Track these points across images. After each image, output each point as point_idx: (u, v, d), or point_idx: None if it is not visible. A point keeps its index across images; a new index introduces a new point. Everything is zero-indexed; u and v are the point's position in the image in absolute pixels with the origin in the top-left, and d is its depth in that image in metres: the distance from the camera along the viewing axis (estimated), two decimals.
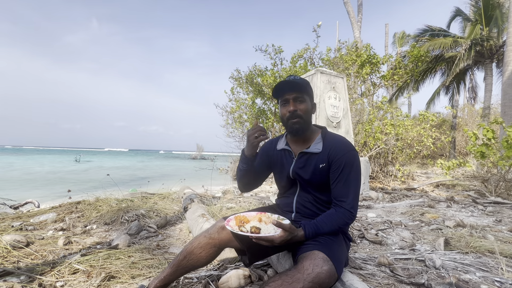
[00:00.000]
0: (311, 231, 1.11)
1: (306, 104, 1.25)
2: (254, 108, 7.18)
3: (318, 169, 1.23)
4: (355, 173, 1.19)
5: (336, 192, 1.19)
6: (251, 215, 1.25)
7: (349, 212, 1.16)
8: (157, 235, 2.46)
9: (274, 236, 1.04)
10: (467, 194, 4.88)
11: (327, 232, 1.13)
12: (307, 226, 1.12)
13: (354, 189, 1.19)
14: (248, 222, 1.16)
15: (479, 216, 3.31)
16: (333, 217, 1.16)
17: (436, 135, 5.92)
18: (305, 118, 1.25)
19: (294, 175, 1.31)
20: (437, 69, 12.93)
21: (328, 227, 1.13)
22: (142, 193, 4.07)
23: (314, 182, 1.25)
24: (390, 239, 2.31)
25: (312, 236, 1.11)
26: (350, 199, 1.17)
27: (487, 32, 11.19)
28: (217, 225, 1.28)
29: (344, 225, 1.17)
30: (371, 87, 6.70)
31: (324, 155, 1.23)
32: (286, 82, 1.23)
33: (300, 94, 1.23)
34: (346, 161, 1.18)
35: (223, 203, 3.31)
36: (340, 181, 1.18)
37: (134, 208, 3.10)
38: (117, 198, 3.59)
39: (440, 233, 2.49)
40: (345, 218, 1.16)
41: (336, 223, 1.15)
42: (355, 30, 9.87)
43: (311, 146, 1.28)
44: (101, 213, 3.00)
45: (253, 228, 1.08)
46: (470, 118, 17.33)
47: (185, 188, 4.02)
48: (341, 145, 1.22)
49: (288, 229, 1.05)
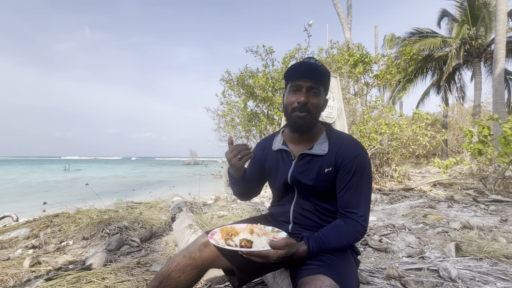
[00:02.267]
0: (315, 246, 0.90)
1: (320, 98, 1.03)
2: (246, 111, 7.00)
3: (322, 174, 1.03)
4: (366, 179, 1.00)
5: (345, 201, 1.00)
6: (241, 226, 1.05)
7: (360, 226, 0.96)
8: (140, 249, 2.22)
9: (270, 251, 0.83)
10: (465, 193, 4.77)
11: (334, 248, 0.93)
12: (311, 239, 0.91)
13: (365, 198, 0.99)
14: (237, 234, 0.95)
15: (482, 215, 3.18)
16: (342, 230, 0.95)
17: (431, 133, 5.84)
18: (314, 114, 1.03)
19: (292, 180, 1.10)
20: (428, 69, 13.05)
21: (336, 242, 0.93)
22: (128, 202, 3.81)
23: (317, 189, 1.06)
24: (395, 245, 2.13)
25: (317, 252, 0.89)
26: (362, 210, 0.97)
27: (474, 32, 11.36)
28: (199, 241, 1.06)
29: (355, 241, 0.97)
30: (364, 87, 6.61)
31: (330, 158, 1.02)
32: (307, 64, 1.00)
33: (317, 85, 1.01)
34: (357, 165, 0.98)
35: (214, 211, 3.08)
36: (350, 189, 0.98)
37: (117, 220, 2.84)
38: (100, 209, 3.33)
39: (447, 236, 2.33)
40: (356, 232, 0.95)
41: (346, 238, 0.95)
42: (346, 31, 9.86)
43: (314, 146, 1.07)
44: (80, 227, 2.74)
45: (243, 241, 0.87)
46: (460, 117, 17.58)
47: (174, 195, 3.78)
48: (350, 146, 1.02)
49: (285, 245, 0.84)
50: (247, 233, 0.95)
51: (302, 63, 1.02)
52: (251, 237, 0.92)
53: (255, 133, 7.33)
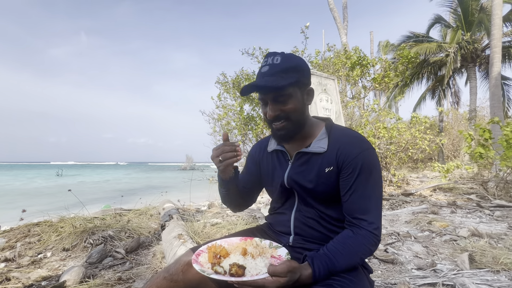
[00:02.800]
0: (322, 268, 0.73)
1: (293, 100, 0.85)
2: (242, 115, 6.86)
3: (323, 174, 0.88)
4: (375, 179, 0.84)
5: (351, 206, 0.84)
6: (232, 243, 0.88)
7: (372, 235, 0.80)
8: (125, 262, 2.03)
9: (267, 280, 0.67)
10: (467, 197, 4.65)
11: (345, 268, 0.77)
12: (316, 260, 0.75)
13: (375, 202, 0.84)
14: (227, 256, 0.78)
15: (488, 222, 3.04)
16: (351, 243, 0.79)
17: (430, 137, 5.74)
18: (294, 118, 0.87)
19: (290, 183, 0.95)
20: (423, 74, 13.11)
21: (346, 260, 0.77)
22: (116, 209, 3.60)
23: (318, 192, 0.90)
24: (402, 255, 1.97)
25: (324, 275, 0.73)
26: (372, 216, 0.82)
27: (468, 37, 11.46)
28: (182, 260, 0.89)
29: (367, 254, 0.81)
30: (362, 90, 6.53)
31: (330, 156, 0.87)
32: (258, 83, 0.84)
33: (281, 91, 0.83)
34: (362, 163, 0.83)
35: (207, 219, 2.90)
36: (356, 191, 0.83)
37: (102, 229, 2.64)
38: (86, 217, 3.11)
39: (456, 245, 2.18)
40: (368, 243, 0.80)
41: (357, 253, 0.78)
42: (342, 35, 9.86)
43: (312, 143, 0.93)
44: (62, 236, 2.53)
45: (233, 267, 0.71)
46: (455, 122, 17.69)
47: (166, 202, 3.58)
48: (353, 142, 0.86)
49: (287, 271, 0.68)
50: (239, 254, 0.77)
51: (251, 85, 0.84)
52: (244, 260, 0.75)
53: (252, 137, 7.18)
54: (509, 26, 10.83)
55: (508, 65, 11.86)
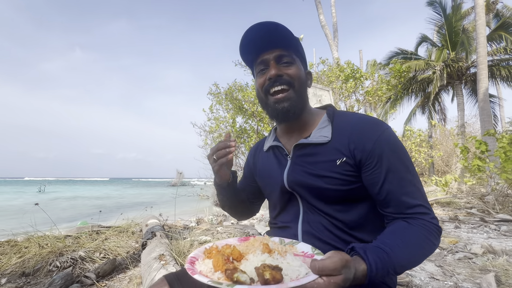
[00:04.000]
0: (379, 265, 0.52)
1: (297, 67, 0.74)
2: (234, 127, 6.68)
3: (334, 167, 0.68)
4: (407, 159, 0.68)
5: (392, 198, 0.65)
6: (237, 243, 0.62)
7: (433, 225, 0.62)
8: None
9: (317, 283, 0.46)
10: (466, 211, 4.50)
11: (405, 266, 0.57)
12: (369, 252, 0.54)
13: (419, 185, 0.67)
14: (241, 258, 0.53)
15: (497, 237, 2.86)
16: (409, 235, 0.60)
17: (425, 150, 5.67)
18: (297, 88, 0.73)
19: (292, 184, 0.75)
20: (413, 90, 13.44)
21: (406, 256, 0.57)
22: (94, 226, 3.24)
23: (330, 190, 0.69)
24: (416, 277, 1.73)
25: (381, 272, 0.52)
26: (424, 202, 0.64)
27: (453, 56, 11.90)
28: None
29: (431, 250, 0.61)
30: (355, 103, 6.50)
31: (339, 145, 0.70)
32: (262, 29, 0.71)
33: (286, 52, 0.73)
34: (386, 146, 0.66)
35: (195, 236, 2.60)
36: (393, 181, 0.65)
37: (72, 249, 2.31)
38: (57, 236, 2.76)
39: (472, 263, 1.96)
40: (430, 235, 0.61)
41: (418, 247, 0.59)
42: (334, 51, 10.06)
43: (313, 133, 0.75)
44: (24, 259, 2.18)
45: (265, 270, 0.46)
46: (443, 138, 18.06)
47: (150, 218, 3.26)
48: (366, 125, 0.70)
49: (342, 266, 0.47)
50: (260, 253, 0.53)
51: (256, 29, 0.71)
52: (273, 261, 0.51)
53: (244, 150, 6.98)
54: (492, 45, 11.33)
55: (492, 83, 12.32)
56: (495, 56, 11.64)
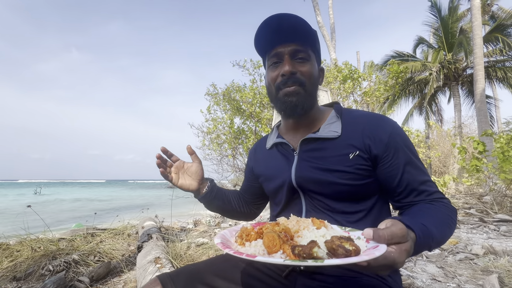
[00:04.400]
0: (421, 234, 0.50)
1: (311, 65, 0.73)
2: (232, 128, 6.64)
3: (347, 161, 0.68)
4: (415, 151, 0.72)
5: (412, 188, 0.67)
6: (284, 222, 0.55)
7: (451, 205, 0.65)
8: None
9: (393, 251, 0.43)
10: (465, 212, 4.49)
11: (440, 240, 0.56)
12: (413, 223, 0.51)
13: (428, 174, 0.70)
14: (293, 235, 0.48)
15: (497, 237, 2.84)
16: (435, 212, 0.61)
17: (423, 150, 5.67)
18: (308, 86, 0.72)
19: (301, 181, 0.72)
20: (410, 91, 13.50)
21: (439, 229, 0.56)
22: (89, 229, 3.18)
23: (340, 186, 0.68)
24: (418, 278, 1.70)
25: (424, 242, 0.51)
26: (438, 188, 0.68)
27: (450, 57, 11.98)
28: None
29: (454, 227, 0.62)
30: (353, 104, 6.50)
31: (352, 139, 0.70)
32: (281, 20, 0.69)
33: (303, 47, 0.71)
34: (400, 139, 0.69)
35: (192, 238, 2.56)
36: (410, 171, 0.67)
37: (66, 252, 2.25)
38: (51, 239, 2.70)
39: (473, 264, 1.94)
40: (451, 212, 0.63)
41: (445, 222, 0.59)
42: (331, 52, 10.08)
43: (322, 128, 0.74)
44: (15, 262, 2.12)
45: (343, 242, 0.42)
46: (440, 138, 18.17)
47: (146, 220, 3.21)
48: (378, 121, 0.71)
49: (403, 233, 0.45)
50: (314, 228, 0.50)
51: (275, 20, 0.69)
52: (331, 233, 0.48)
53: (242, 151, 6.93)
54: (488, 47, 11.42)
55: (488, 84, 12.41)
56: (491, 58, 11.75)
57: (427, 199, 0.66)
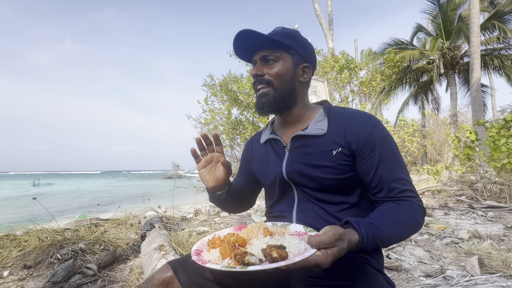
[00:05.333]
0: (369, 236, 0.59)
1: (282, 65, 0.78)
2: (230, 119, 6.68)
3: (331, 157, 0.74)
4: (396, 149, 0.76)
5: (384, 183, 0.72)
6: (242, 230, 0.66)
7: (418, 206, 0.70)
8: (96, 280, 1.76)
9: (317, 256, 0.52)
10: (456, 199, 4.65)
11: (390, 239, 0.64)
12: (361, 225, 0.60)
13: (406, 172, 0.75)
14: (245, 243, 0.58)
15: (483, 223, 2.99)
16: (396, 213, 0.67)
17: (418, 140, 5.78)
18: (276, 85, 0.78)
19: (290, 174, 0.80)
20: (406, 80, 13.50)
21: (393, 230, 0.64)
22: (92, 219, 3.27)
23: (326, 179, 0.75)
24: (406, 261, 1.82)
25: (370, 243, 0.59)
26: (411, 187, 0.72)
27: (447, 45, 11.93)
28: (157, 278, 0.71)
29: (416, 228, 0.68)
30: (350, 94, 6.54)
31: (335, 137, 0.75)
32: (248, 34, 0.77)
33: (268, 52, 0.78)
34: (379, 137, 0.74)
35: (193, 227, 2.66)
36: (384, 168, 0.73)
37: (72, 241, 2.34)
38: (56, 229, 2.79)
39: (458, 248, 2.07)
40: (416, 214, 0.68)
41: (403, 223, 0.66)
42: (329, 41, 9.99)
43: (310, 126, 0.80)
44: (24, 252, 2.21)
45: (272, 250, 0.51)
46: (436, 127, 18.32)
47: (148, 210, 3.31)
48: (361, 119, 0.77)
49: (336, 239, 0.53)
50: (263, 237, 0.59)
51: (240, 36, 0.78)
52: (274, 241, 0.57)
53: (240, 141, 7.00)
54: (485, 34, 11.38)
55: (484, 72, 12.44)
56: (489, 46, 11.72)
57: (397, 197, 0.71)
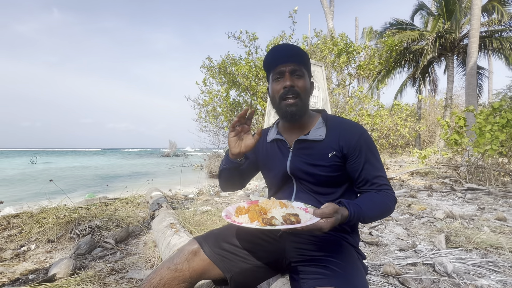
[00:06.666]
0: (356, 213, 0.81)
1: (305, 80, 0.97)
2: (228, 101, 6.75)
3: (327, 158, 0.95)
4: (377, 152, 0.99)
5: (367, 179, 0.94)
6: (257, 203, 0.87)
7: (392, 195, 0.92)
8: (115, 252, 2.01)
9: (321, 222, 0.73)
10: (441, 181, 4.97)
11: (370, 217, 0.85)
12: (351, 204, 0.82)
13: (383, 170, 0.97)
14: (266, 212, 0.79)
15: (461, 204, 3.29)
16: (376, 199, 0.89)
17: (410, 124, 5.98)
18: (303, 97, 0.97)
19: (293, 170, 1.00)
20: (405, 61, 13.42)
21: (372, 212, 0.85)
22: (101, 198, 3.50)
23: (322, 176, 0.96)
24: (385, 238, 2.09)
25: (355, 219, 0.81)
26: (387, 181, 0.94)
27: (448, 26, 11.76)
28: (186, 249, 0.91)
29: (388, 211, 0.91)
30: (347, 77, 6.60)
31: (332, 143, 0.96)
32: (284, 48, 0.96)
33: (298, 67, 0.95)
34: (364, 143, 0.95)
35: (197, 206, 2.90)
36: (368, 168, 0.94)
37: (88, 219, 2.58)
38: (69, 207, 3.01)
39: (432, 226, 2.34)
40: (390, 201, 0.90)
41: (380, 207, 0.88)
42: (329, 20, 9.78)
43: (311, 132, 1.00)
44: (45, 228, 2.44)
45: (290, 216, 0.73)
46: (432, 109, 18.51)
47: (153, 190, 3.53)
48: (351, 128, 0.97)
49: (334, 211, 0.75)
50: (279, 208, 0.80)
51: (280, 47, 0.97)
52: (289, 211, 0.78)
53: None
54: (487, 16, 11.20)
55: (483, 55, 12.41)
56: (490, 28, 11.58)
57: (376, 189, 0.93)
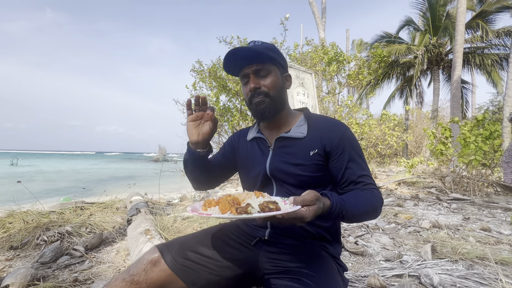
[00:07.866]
0: (338, 205, 0.72)
1: (273, 76, 0.91)
2: (218, 105, 6.68)
3: (308, 157, 0.88)
4: (360, 150, 0.92)
5: (351, 179, 0.86)
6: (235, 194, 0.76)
7: (378, 194, 0.84)
8: (84, 261, 1.85)
9: (303, 210, 0.64)
10: (427, 191, 5.00)
11: (353, 212, 0.76)
12: (333, 196, 0.74)
13: (367, 168, 0.90)
14: (240, 202, 0.68)
15: (446, 213, 3.28)
16: (360, 196, 0.81)
17: (398, 134, 6.05)
18: (272, 95, 0.90)
19: (273, 170, 0.91)
20: (393, 74, 13.78)
21: (356, 208, 0.76)
22: (77, 202, 3.31)
23: (303, 176, 0.88)
24: (371, 247, 2.03)
25: (337, 212, 0.72)
26: (372, 180, 0.87)
27: (435, 41, 12.20)
28: (145, 259, 0.81)
29: (375, 211, 0.82)
30: (337, 86, 6.67)
31: (313, 141, 0.89)
32: (239, 50, 0.87)
33: (261, 66, 0.89)
34: (347, 141, 0.88)
35: (178, 212, 2.77)
36: (351, 167, 0.87)
37: (58, 224, 2.40)
38: (41, 211, 2.82)
39: (419, 236, 2.30)
40: (375, 200, 0.82)
41: (364, 205, 0.78)
42: (320, 31, 9.97)
43: (292, 129, 0.94)
44: (10, 233, 2.26)
45: (268, 204, 0.62)
46: (418, 120, 19.02)
47: (134, 194, 3.37)
48: (333, 126, 0.91)
49: (316, 198, 0.66)
50: (255, 197, 0.70)
51: (236, 50, 0.87)
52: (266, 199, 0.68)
53: (227, 128, 7.05)
54: (471, 33, 11.70)
55: (467, 69, 12.90)
56: (473, 44, 12.08)
57: (362, 188, 0.85)
